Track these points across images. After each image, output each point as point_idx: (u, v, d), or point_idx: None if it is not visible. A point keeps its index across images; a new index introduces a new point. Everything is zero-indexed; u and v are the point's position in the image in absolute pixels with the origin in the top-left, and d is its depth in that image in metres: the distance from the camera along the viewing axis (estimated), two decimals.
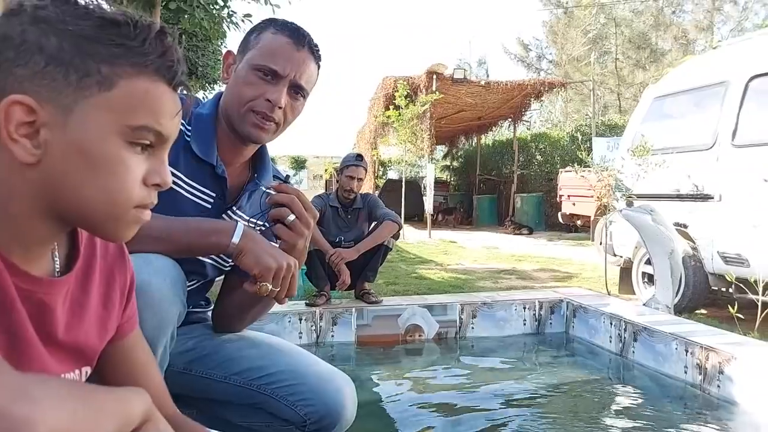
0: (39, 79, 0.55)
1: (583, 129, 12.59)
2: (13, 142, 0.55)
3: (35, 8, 0.57)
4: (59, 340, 0.65)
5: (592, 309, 3.13)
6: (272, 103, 1.08)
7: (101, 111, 0.57)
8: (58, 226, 0.62)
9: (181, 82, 0.63)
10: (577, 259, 6.45)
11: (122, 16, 0.58)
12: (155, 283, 0.93)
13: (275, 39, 1.11)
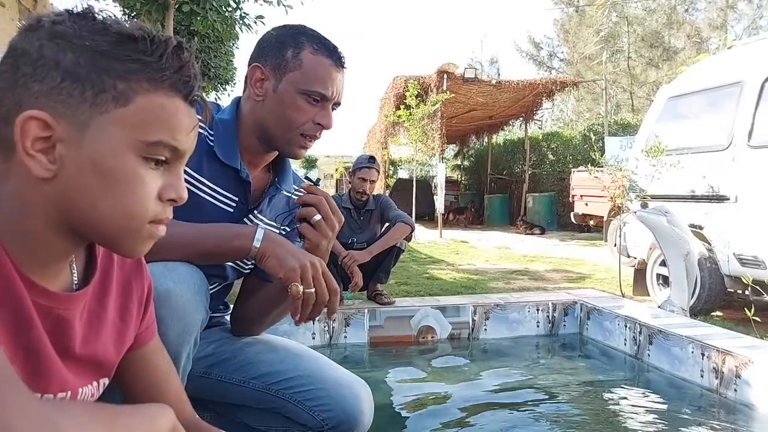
0: (55, 94, 0.55)
1: (595, 128, 12.50)
2: (30, 157, 0.55)
3: (53, 24, 0.57)
4: (77, 353, 0.65)
5: (606, 311, 3.11)
6: (324, 127, 1.13)
7: (117, 127, 0.57)
8: (74, 241, 0.62)
9: (197, 97, 0.63)
10: (589, 260, 6.41)
11: (139, 31, 0.58)
12: (179, 291, 0.94)
13: (318, 62, 1.12)
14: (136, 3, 4.43)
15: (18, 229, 0.58)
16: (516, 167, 14.43)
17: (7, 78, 0.56)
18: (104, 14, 0.59)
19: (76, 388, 0.66)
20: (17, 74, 0.56)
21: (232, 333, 1.28)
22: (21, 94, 0.55)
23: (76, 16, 0.58)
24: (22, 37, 0.57)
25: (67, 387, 0.64)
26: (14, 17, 6.13)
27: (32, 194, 0.57)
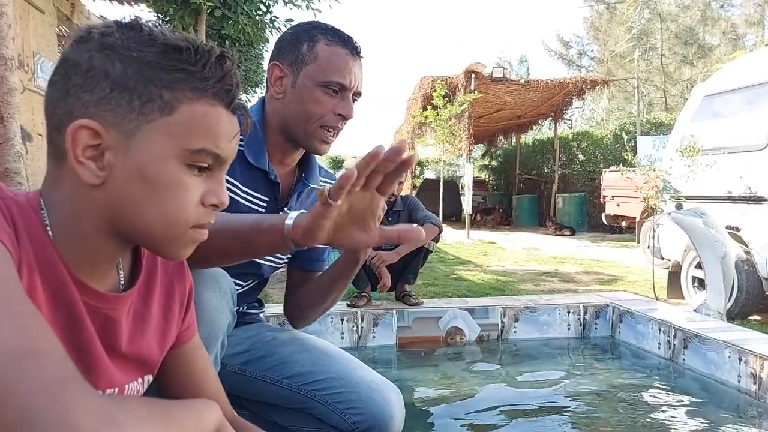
0: (104, 104, 0.57)
1: (627, 127, 12.24)
2: (80, 164, 0.57)
3: (102, 35, 0.59)
4: (123, 351, 0.68)
5: (639, 314, 3.05)
6: (345, 117, 1.13)
7: (162, 135, 0.59)
8: (121, 245, 0.64)
9: (239, 105, 0.64)
10: (621, 262, 6.29)
11: (184, 41, 0.60)
12: (207, 295, 0.96)
13: (333, 52, 1.12)
14: (170, 8, 4.53)
15: (70, 232, 0.60)
16: (545, 167, 14.25)
17: (60, 88, 0.59)
18: (151, 25, 0.61)
19: (122, 385, 0.69)
20: (68, 84, 0.58)
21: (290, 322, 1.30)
22: (72, 103, 0.58)
23: (125, 27, 0.60)
24: (73, 48, 0.59)
25: (115, 384, 0.67)
26: (53, 23, 6.31)
27: (83, 200, 0.59)
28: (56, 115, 0.59)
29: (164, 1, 4.53)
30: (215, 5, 4.30)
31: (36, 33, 5.71)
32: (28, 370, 0.42)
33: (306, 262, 1.31)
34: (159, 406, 0.51)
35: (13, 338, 0.43)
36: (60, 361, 0.44)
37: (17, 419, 0.39)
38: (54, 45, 6.30)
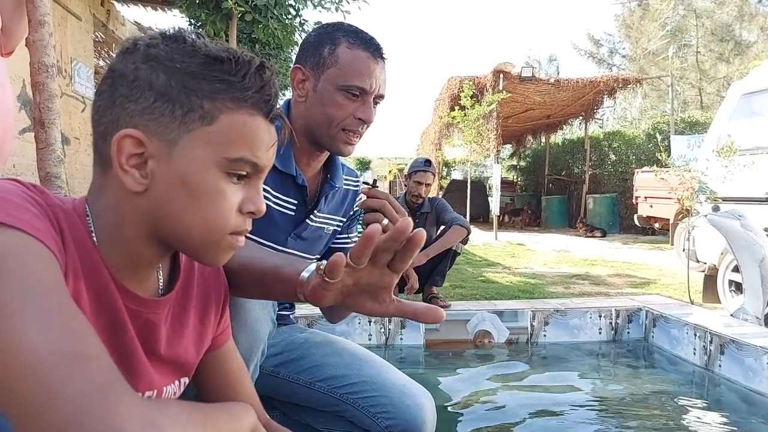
0: (148, 114, 0.59)
1: (660, 126, 11.96)
2: (124, 172, 0.59)
3: (147, 47, 0.61)
4: (162, 354, 0.70)
5: (673, 318, 2.98)
6: (365, 122, 1.13)
7: (202, 144, 0.60)
8: (162, 250, 0.66)
9: (277, 114, 0.65)
10: (654, 265, 6.15)
11: (225, 52, 0.62)
12: (249, 305, 0.97)
13: (355, 55, 1.12)
14: (201, 13, 4.62)
15: (114, 238, 0.62)
16: (575, 167, 14.03)
17: (107, 98, 0.61)
18: (194, 36, 0.63)
19: (161, 387, 0.71)
20: (115, 95, 0.60)
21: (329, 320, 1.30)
22: (118, 113, 0.60)
23: (169, 39, 0.62)
24: (120, 59, 0.62)
25: (154, 386, 0.69)
26: (89, 30, 6.50)
27: (126, 206, 0.61)
28: (102, 124, 0.61)
29: (196, 7, 4.62)
30: (246, 10, 4.37)
31: (73, 39, 5.89)
32: (76, 374, 0.43)
33: None
34: (198, 410, 0.52)
35: (62, 343, 0.45)
36: (105, 365, 0.46)
37: (66, 421, 0.41)
38: (90, 51, 6.49)
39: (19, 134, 4.53)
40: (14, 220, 0.51)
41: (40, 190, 0.59)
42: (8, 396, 0.43)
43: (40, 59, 1.68)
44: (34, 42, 1.69)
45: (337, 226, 1.32)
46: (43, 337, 0.45)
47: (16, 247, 0.50)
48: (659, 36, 20.78)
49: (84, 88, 6.21)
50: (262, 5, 4.33)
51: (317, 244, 1.28)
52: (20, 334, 0.44)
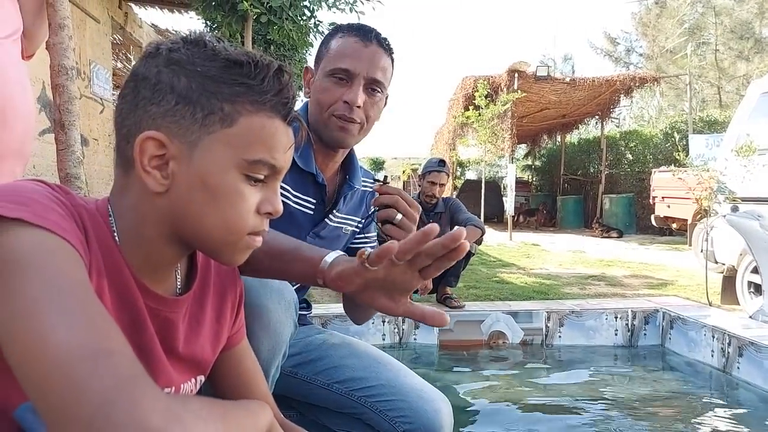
0: (170, 116, 0.61)
1: (678, 126, 11.80)
2: (146, 173, 0.61)
3: (169, 51, 0.62)
4: (179, 352, 0.71)
5: (691, 320, 2.94)
6: (350, 104, 1.12)
7: (222, 146, 0.61)
8: (181, 250, 0.68)
9: (295, 117, 0.67)
10: (672, 266, 6.07)
11: (245, 56, 0.63)
12: (272, 308, 0.99)
13: (343, 41, 1.14)
14: (217, 15, 4.66)
15: (135, 237, 0.64)
16: (591, 167, 13.90)
17: (129, 101, 0.62)
18: (214, 40, 0.64)
19: (178, 384, 0.72)
20: (138, 97, 0.62)
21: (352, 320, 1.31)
22: (141, 115, 0.61)
23: (190, 43, 0.63)
24: (143, 63, 0.63)
25: (172, 383, 0.70)
26: (107, 32, 6.59)
27: (148, 207, 0.63)
28: (125, 126, 0.63)
29: (212, 9, 4.66)
30: (261, 11, 4.40)
31: (92, 42, 5.97)
32: (102, 369, 0.44)
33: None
34: (217, 406, 0.53)
35: (87, 339, 0.46)
36: (129, 361, 0.47)
37: (93, 414, 0.42)
38: (108, 53, 6.58)
39: (39, 135, 4.61)
40: (41, 220, 0.52)
41: (65, 190, 0.60)
42: (37, 389, 0.44)
43: (60, 62, 1.71)
44: (54, 45, 1.72)
45: (356, 226, 1.33)
46: (70, 333, 0.46)
47: (43, 246, 0.51)
48: (677, 34, 20.51)
49: (102, 89, 6.30)
50: (277, 7, 4.36)
51: (336, 244, 1.29)
52: (48, 330, 0.46)
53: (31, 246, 0.50)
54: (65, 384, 0.43)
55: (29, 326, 0.46)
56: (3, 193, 0.53)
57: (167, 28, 8.28)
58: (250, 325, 0.95)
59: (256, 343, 0.95)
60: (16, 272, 0.49)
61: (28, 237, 0.51)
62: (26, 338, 0.46)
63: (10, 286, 0.48)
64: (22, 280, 0.48)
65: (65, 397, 0.43)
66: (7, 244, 0.50)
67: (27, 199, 0.54)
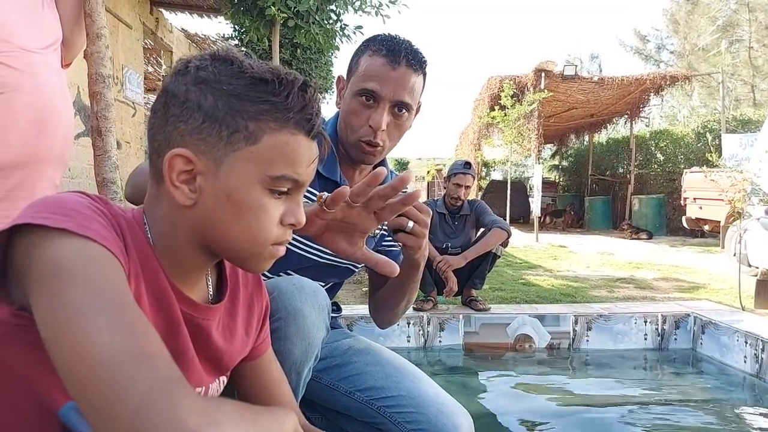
0: (197, 134, 0.63)
1: (711, 125, 11.52)
2: (175, 188, 0.64)
3: (197, 69, 0.65)
4: (210, 356, 0.74)
5: (723, 325, 2.88)
6: (374, 129, 1.13)
7: (247, 162, 0.64)
8: (209, 257, 0.71)
9: (319, 132, 0.69)
10: (703, 268, 5.93)
11: (270, 73, 0.65)
12: (306, 311, 1.00)
13: (372, 61, 1.13)
14: (245, 20, 4.74)
15: (167, 244, 0.67)
16: (620, 167, 13.66)
17: (161, 117, 0.66)
18: (241, 57, 0.66)
19: (207, 385, 0.76)
20: (168, 114, 0.65)
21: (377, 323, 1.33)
22: (170, 131, 0.64)
23: (218, 60, 0.65)
24: (173, 80, 0.66)
25: (202, 383, 0.74)
26: (139, 38, 6.74)
27: (177, 217, 0.66)
28: (156, 140, 0.66)
29: (241, 14, 4.74)
30: (289, 16, 4.45)
31: (124, 47, 6.13)
32: (142, 371, 0.47)
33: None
34: (248, 410, 0.55)
35: (128, 343, 0.49)
36: (168, 363, 0.50)
37: (135, 414, 0.45)
38: (140, 57, 6.74)
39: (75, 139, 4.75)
40: (84, 230, 0.55)
41: (104, 201, 0.64)
42: (81, 390, 0.47)
43: (97, 70, 1.78)
44: (91, 54, 1.78)
45: (384, 230, 1.34)
46: (113, 337, 0.49)
47: (86, 254, 0.54)
48: (710, 31, 20.01)
49: (134, 93, 6.45)
50: (304, 11, 4.41)
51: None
52: (92, 334, 0.48)
53: (75, 255, 0.53)
54: (108, 386, 0.46)
55: (74, 331, 0.49)
56: (48, 206, 0.57)
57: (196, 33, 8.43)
58: (284, 328, 0.98)
59: (290, 346, 0.98)
60: (61, 280, 0.52)
61: (72, 246, 0.54)
62: (71, 342, 0.48)
63: (56, 293, 0.51)
64: (67, 287, 0.51)
65: (108, 398, 0.46)
66: (53, 253, 0.53)
67: (70, 210, 0.57)
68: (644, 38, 24.95)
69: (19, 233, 0.55)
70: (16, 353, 0.59)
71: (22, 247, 0.55)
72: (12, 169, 1.15)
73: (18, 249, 0.55)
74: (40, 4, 1.28)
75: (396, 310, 1.25)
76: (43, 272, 0.52)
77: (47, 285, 0.52)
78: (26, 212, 0.55)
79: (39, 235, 0.54)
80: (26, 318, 0.56)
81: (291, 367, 0.99)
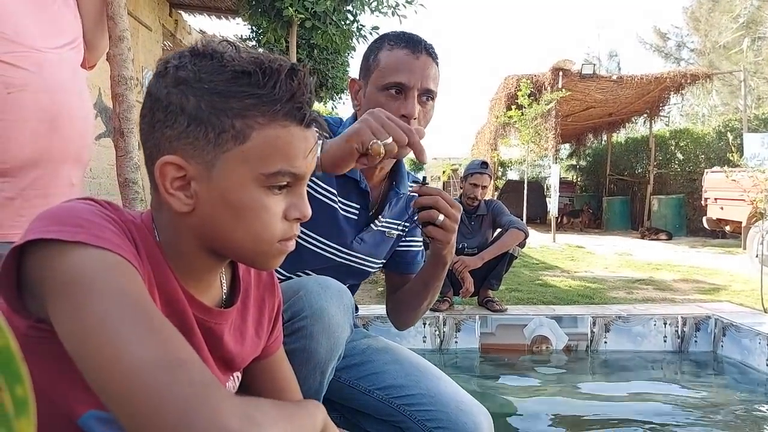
0: (184, 138, 0.61)
1: (732, 124, 11.32)
2: (170, 195, 0.62)
3: (176, 68, 0.61)
4: (223, 357, 0.74)
5: (745, 328, 2.84)
6: (408, 117, 1.13)
7: (238, 163, 0.61)
8: (219, 259, 0.69)
9: (312, 119, 0.64)
10: (725, 270, 5.83)
11: (253, 64, 0.61)
12: (332, 311, 1.01)
13: (393, 54, 1.15)
14: (263, 21, 4.77)
15: (175, 249, 0.66)
16: (639, 167, 13.48)
17: (148, 122, 0.63)
18: (222, 47, 0.62)
19: (224, 383, 0.76)
20: (154, 120, 0.62)
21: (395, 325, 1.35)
22: (158, 138, 0.62)
23: (197, 57, 0.62)
24: (154, 83, 0.63)
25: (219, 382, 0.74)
26: (158, 39, 6.83)
27: (180, 223, 0.65)
28: (148, 147, 0.64)
29: (258, 15, 4.77)
30: (306, 17, 4.48)
31: (145, 49, 6.21)
32: (179, 378, 0.47)
33: (401, 265, 1.36)
34: (283, 407, 0.56)
35: (160, 350, 0.49)
36: (201, 368, 0.50)
37: (177, 421, 0.45)
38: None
39: (96, 140, 4.83)
40: (98, 240, 0.55)
41: (114, 207, 0.63)
42: (118, 401, 0.48)
43: (120, 72, 1.80)
44: (114, 56, 1.81)
45: (401, 230, 1.35)
46: (143, 345, 0.49)
47: (103, 264, 0.54)
48: (731, 28, 19.66)
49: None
50: (321, 12, 4.43)
51: (381, 248, 1.31)
52: (122, 344, 0.49)
53: (93, 265, 0.53)
54: (147, 394, 0.46)
55: (102, 342, 0.49)
56: (59, 217, 0.56)
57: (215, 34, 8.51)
58: (310, 326, 0.98)
59: (315, 345, 0.98)
60: (82, 292, 0.51)
61: (89, 257, 0.53)
62: (101, 354, 0.48)
63: (78, 305, 0.51)
64: (89, 299, 0.51)
65: (148, 408, 0.46)
66: (70, 265, 0.53)
67: (83, 220, 0.56)
68: (664, 36, 24.60)
69: (32, 246, 0.54)
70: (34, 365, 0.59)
71: (37, 261, 0.54)
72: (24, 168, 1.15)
73: (32, 262, 0.54)
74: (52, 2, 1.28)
75: (417, 310, 1.26)
76: (62, 285, 0.52)
77: (68, 297, 0.51)
78: (36, 226, 0.55)
79: (54, 249, 0.53)
80: (44, 330, 0.56)
81: (315, 366, 1.00)
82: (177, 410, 0.45)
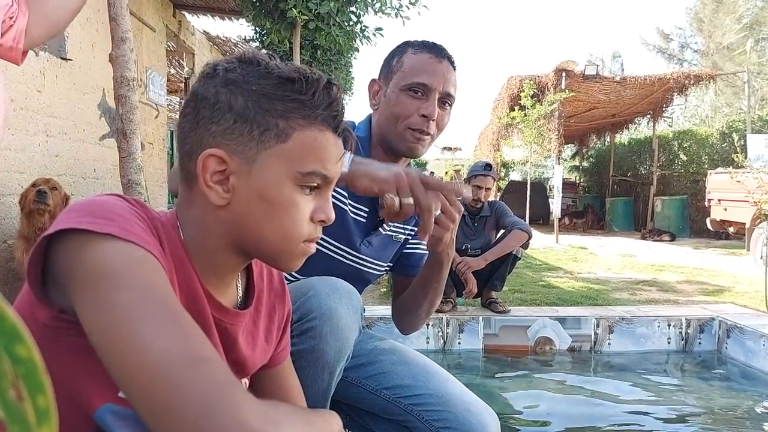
0: (229, 134, 0.64)
1: (736, 125, 11.29)
2: (209, 188, 0.65)
3: (226, 71, 0.66)
4: (235, 360, 0.74)
5: (749, 329, 2.83)
6: (427, 117, 1.17)
7: (278, 160, 0.65)
8: (241, 259, 0.71)
9: (345, 128, 0.70)
10: (728, 271, 5.81)
11: (296, 72, 0.66)
12: (341, 312, 1.01)
13: (417, 57, 1.19)
14: (267, 22, 4.78)
15: (200, 247, 0.68)
16: (642, 168, 13.44)
17: (191, 120, 0.66)
18: (267, 58, 0.68)
19: None
20: (198, 116, 0.66)
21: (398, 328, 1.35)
22: (202, 133, 0.65)
23: (245, 63, 0.67)
24: (202, 83, 0.67)
25: None
26: (162, 40, 6.83)
27: (211, 218, 0.67)
28: (188, 143, 0.67)
29: (262, 16, 4.78)
30: (309, 18, 4.49)
31: (148, 50, 6.22)
32: (202, 374, 0.48)
33: (406, 267, 1.37)
34: (300, 411, 0.57)
35: (184, 347, 0.50)
36: (223, 366, 0.51)
37: (198, 416, 0.46)
38: (163, 60, 6.83)
39: (99, 140, 4.83)
40: (127, 234, 0.56)
41: (141, 204, 0.65)
42: (140, 394, 0.48)
43: (122, 74, 1.81)
44: (116, 57, 1.81)
45: (409, 234, 1.35)
46: (168, 341, 0.49)
47: (131, 258, 0.55)
48: (735, 29, 19.61)
49: (157, 95, 6.54)
50: (325, 13, 4.44)
51: (388, 252, 1.32)
52: (148, 339, 0.49)
53: (121, 259, 0.54)
54: (170, 389, 0.47)
55: (127, 336, 0.49)
56: (90, 210, 0.57)
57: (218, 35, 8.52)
58: (319, 327, 0.98)
59: (324, 345, 0.99)
60: (109, 284, 0.52)
61: (117, 250, 0.55)
62: (126, 347, 0.49)
63: (105, 298, 0.52)
64: (116, 292, 0.52)
65: (171, 402, 0.46)
66: (99, 257, 0.54)
67: (113, 214, 0.57)
68: (667, 37, 24.55)
69: (61, 237, 0.55)
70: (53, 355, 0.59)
71: (65, 251, 0.55)
72: None
73: (60, 253, 0.55)
74: None
75: (418, 312, 1.26)
76: (89, 276, 0.53)
77: (95, 289, 0.52)
78: (67, 217, 0.56)
79: (83, 239, 0.54)
80: (66, 321, 0.57)
81: (324, 367, 1.00)
82: (199, 406, 0.46)
